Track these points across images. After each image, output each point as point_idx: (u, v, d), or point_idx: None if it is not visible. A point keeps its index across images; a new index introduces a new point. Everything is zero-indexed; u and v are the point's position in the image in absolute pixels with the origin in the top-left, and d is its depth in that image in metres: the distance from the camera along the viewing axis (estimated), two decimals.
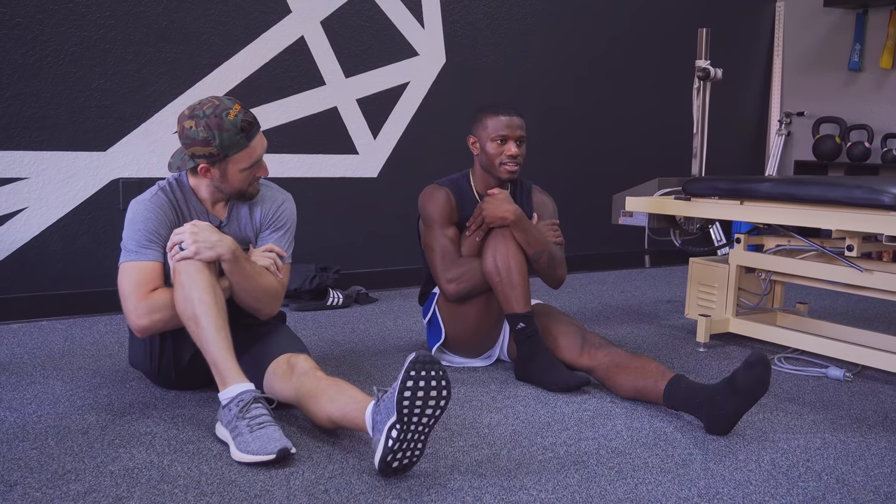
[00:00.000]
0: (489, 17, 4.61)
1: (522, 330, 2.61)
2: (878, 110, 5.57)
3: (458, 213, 2.77)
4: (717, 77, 3.55)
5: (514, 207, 2.65)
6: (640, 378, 2.41)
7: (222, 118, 2.17)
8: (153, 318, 2.17)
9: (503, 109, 2.72)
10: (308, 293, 3.79)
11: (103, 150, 3.54)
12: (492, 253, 2.62)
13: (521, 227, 2.65)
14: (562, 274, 2.80)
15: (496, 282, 2.61)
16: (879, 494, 1.86)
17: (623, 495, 1.82)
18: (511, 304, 2.61)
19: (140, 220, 2.24)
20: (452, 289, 2.68)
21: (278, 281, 2.34)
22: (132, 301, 2.18)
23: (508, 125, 2.70)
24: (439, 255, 2.70)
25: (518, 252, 2.62)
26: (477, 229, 2.69)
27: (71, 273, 3.51)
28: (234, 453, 1.94)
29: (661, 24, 5.34)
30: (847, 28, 5.69)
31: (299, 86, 4.02)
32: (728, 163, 5.80)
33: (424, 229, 2.78)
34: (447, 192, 2.76)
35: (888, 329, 3.51)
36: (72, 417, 2.23)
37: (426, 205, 2.76)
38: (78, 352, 2.92)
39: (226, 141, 2.18)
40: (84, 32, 3.44)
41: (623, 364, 2.47)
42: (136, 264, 2.20)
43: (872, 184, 2.66)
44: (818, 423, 2.33)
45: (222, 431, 2.04)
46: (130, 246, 2.23)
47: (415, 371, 1.79)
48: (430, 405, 1.81)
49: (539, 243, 2.69)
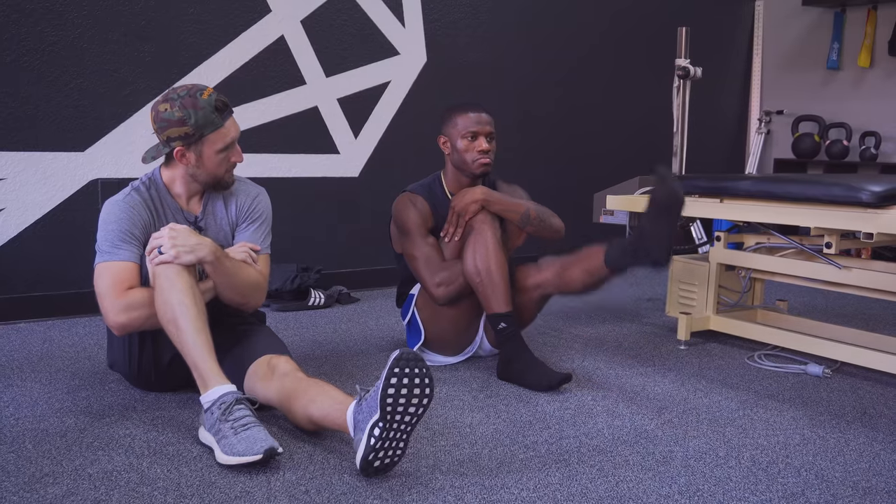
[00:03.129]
0: (470, 16, 4.61)
1: (503, 330, 2.61)
2: (857, 108, 5.62)
3: (433, 219, 2.78)
4: (696, 76, 3.57)
5: (480, 188, 2.69)
6: (583, 262, 2.61)
7: (196, 98, 2.19)
8: (130, 315, 2.16)
9: (471, 107, 2.76)
10: (289, 293, 3.77)
11: (82, 150, 3.51)
12: (471, 254, 2.62)
13: (493, 200, 2.68)
14: (557, 222, 2.80)
15: (476, 283, 2.61)
16: (858, 490, 1.88)
17: (604, 493, 1.82)
18: (491, 304, 2.61)
19: (113, 219, 2.23)
20: (442, 293, 2.67)
21: (258, 272, 2.34)
22: (109, 299, 2.16)
23: (478, 121, 2.73)
24: (423, 263, 2.69)
25: (497, 251, 2.62)
26: (455, 229, 2.69)
27: (49, 274, 3.47)
28: (220, 457, 1.91)
29: (643, 24, 5.36)
30: (825, 27, 5.74)
31: (280, 85, 4.01)
32: (709, 161, 5.83)
33: (403, 239, 2.77)
34: (421, 200, 2.77)
35: (866, 326, 3.54)
36: (50, 420, 2.21)
37: (401, 214, 2.76)
38: (56, 354, 2.90)
39: (201, 119, 2.18)
40: (61, 32, 3.41)
41: (568, 263, 2.67)
42: (111, 264, 2.19)
43: (850, 181, 2.69)
44: (798, 420, 2.35)
45: (206, 436, 2.01)
46: (104, 246, 2.22)
47: (398, 368, 1.79)
48: (413, 403, 1.81)
49: (518, 205, 2.72)
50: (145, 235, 2.25)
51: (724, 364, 2.93)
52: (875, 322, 3.69)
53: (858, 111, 5.60)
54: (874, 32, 5.47)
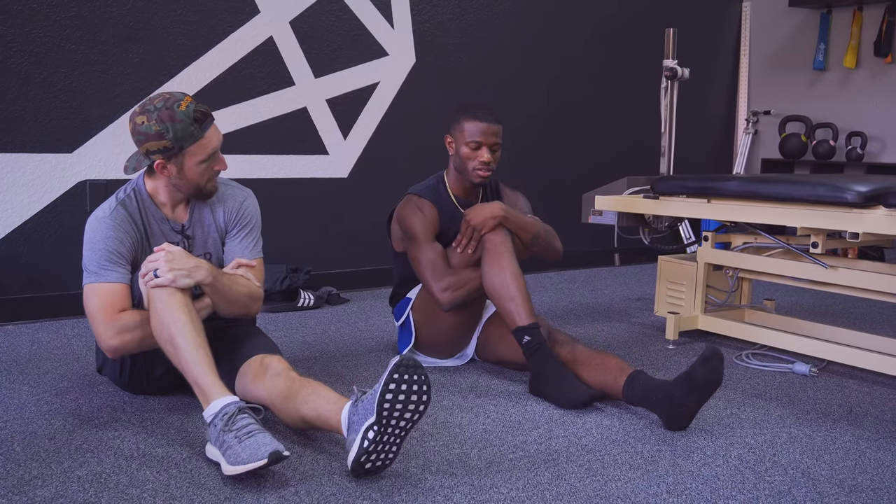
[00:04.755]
0: (459, 17, 4.62)
1: (528, 344, 2.51)
2: (843, 109, 5.66)
3: (439, 224, 2.75)
4: (684, 76, 3.58)
5: (497, 203, 2.67)
6: (601, 374, 2.43)
7: (174, 109, 2.13)
8: (124, 339, 2.14)
9: (483, 115, 2.69)
10: (279, 294, 3.77)
11: (70, 151, 3.50)
12: (491, 270, 2.58)
13: (511, 218, 2.66)
14: (559, 245, 2.83)
15: (495, 297, 2.57)
16: (844, 487, 1.89)
17: (593, 492, 1.84)
18: (514, 318, 2.54)
19: (100, 238, 2.19)
20: (448, 297, 2.63)
21: (254, 281, 2.33)
22: (101, 322, 2.14)
23: (484, 132, 2.68)
24: (429, 267, 2.65)
25: (515, 266, 2.58)
26: (469, 241, 2.65)
27: (37, 276, 3.46)
28: (225, 468, 1.84)
29: (631, 25, 5.38)
30: (812, 28, 5.78)
31: (268, 86, 4.00)
32: (698, 161, 5.86)
33: (408, 243, 2.74)
34: (429, 206, 2.74)
35: (853, 324, 3.57)
36: (38, 423, 2.20)
37: (408, 220, 2.72)
38: (45, 356, 2.89)
39: (179, 132, 2.14)
40: (49, 33, 3.40)
41: (584, 360, 2.50)
42: (100, 286, 2.17)
43: (836, 181, 2.71)
44: (784, 418, 2.36)
45: (212, 451, 1.93)
46: (91, 267, 2.18)
47: (398, 374, 1.80)
48: (409, 409, 1.81)
49: (532, 225, 2.72)
50: (133, 253, 2.23)
51: None
52: (861, 321, 3.72)
53: (844, 111, 5.64)
54: (860, 33, 5.50)
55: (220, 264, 2.37)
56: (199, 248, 2.35)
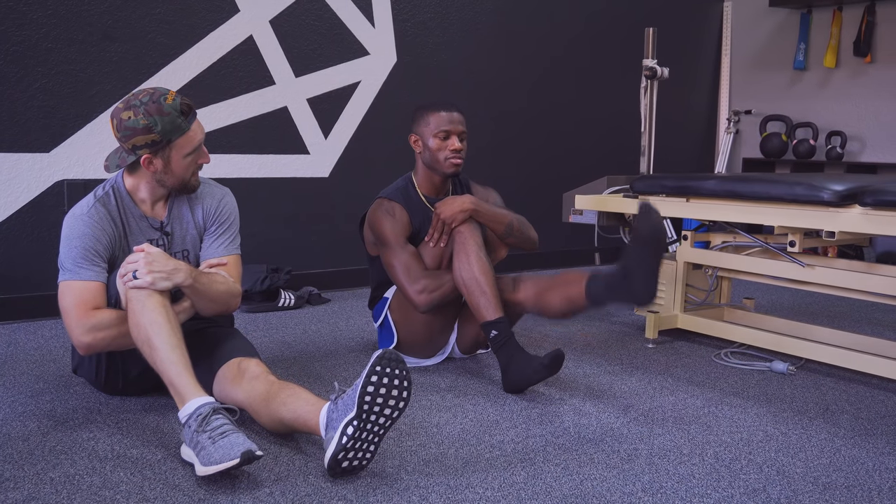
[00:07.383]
0: (440, 16, 4.61)
1: (496, 338, 2.53)
2: (823, 108, 5.69)
3: (411, 226, 2.75)
4: (663, 76, 3.59)
5: (468, 197, 2.68)
6: (564, 288, 2.56)
7: (161, 103, 2.14)
8: (96, 336, 2.13)
9: (444, 106, 2.74)
10: (259, 294, 3.75)
11: (47, 151, 3.47)
12: (456, 265, 2.60)
13: (481, 210, 2.68)
14: (534, 234, 2.85)
15: (466, 292, 2.58)
16: (818, 485, 1.90)
17: (568, 491, 1.84)
18: (482, 312, 2.55)
19: (77, 235, 2.18)
20: (424, 300, 2.63)
21: (232, 278, 2.32)
22: (74, 318, 2.13)
23: (450, 120, 2.72)
24: (403, 271, 2.65)
25: (483, 259, 2.59)
26: (441, 236, 2.67)
27: (14, 276, 3.43)
28: (199, 469, 1.82)
29: (613, 26, 5.39)
30: (792, 28, 5.81)
31: (248, 85, 3.98)
32: (680, 160, 5.88)
33: (381, 248, 2.74)
34: (399, 209, 2.74)
35: (830, 323, 3.59)
36: (12, 424, 2.19)
37: (378, 225, 2.72)
38: (21, 357, 2.86)
39: (167, 125, 2.14)
40: (25, 31, 3.37)
41: (548, 285, 2.63)
42: (75, 283, 2.15)
43: (812, 180, 2.72)
44: (761, 416, 2.38)
45: (187, 452, 1.92)
46: (68, 265, 2.17)
47: (380, 367, 1.81)
48: (389, 405, 1.82)
49: (503, 216, 2.74)
50: (110, 250, 2.22)
51: (690, 362, 2.95)
52: (839, 319, 3.74)
53: (824, 111, 5.68)
54: (839, 33, 5.54)
55: (198, 262, 2.37)
56: (177, 245, 2.35)
